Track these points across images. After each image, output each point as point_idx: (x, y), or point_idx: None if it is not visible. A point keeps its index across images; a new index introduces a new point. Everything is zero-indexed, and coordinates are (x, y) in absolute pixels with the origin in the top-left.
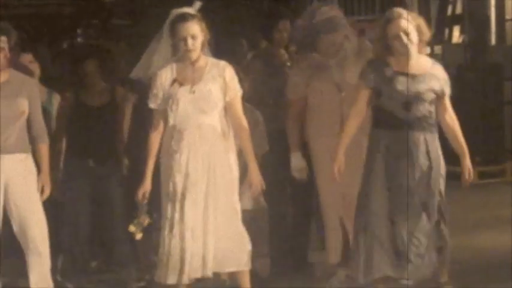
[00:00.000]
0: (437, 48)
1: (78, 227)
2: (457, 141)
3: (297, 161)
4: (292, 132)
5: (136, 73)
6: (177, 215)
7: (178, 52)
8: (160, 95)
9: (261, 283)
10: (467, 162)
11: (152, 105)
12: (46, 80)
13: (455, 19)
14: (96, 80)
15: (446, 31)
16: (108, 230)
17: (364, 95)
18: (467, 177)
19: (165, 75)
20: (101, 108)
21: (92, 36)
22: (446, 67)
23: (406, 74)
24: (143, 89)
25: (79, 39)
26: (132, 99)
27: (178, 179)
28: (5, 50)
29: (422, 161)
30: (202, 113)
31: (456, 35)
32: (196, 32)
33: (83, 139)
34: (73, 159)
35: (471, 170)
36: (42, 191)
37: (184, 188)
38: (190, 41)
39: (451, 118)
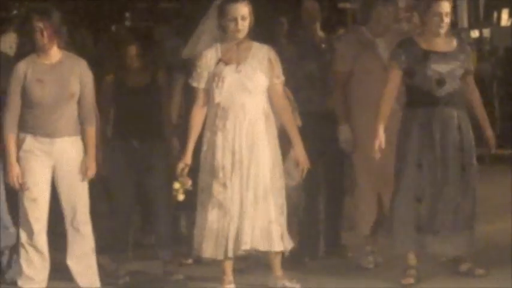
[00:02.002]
0: (486, 31)
1: (123, 209)
2: (481, 117)
3: (344, 134)
4: (339, 105)
5: (186, 54)
6: (223, 192)
7: (225, 33)
8: (205, 74)
9: (292, 263)
10: (490, 132)
11: (195, 83)
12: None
13: (504, 2)
14: (137, 62)
15: (495, 14)
16: (151, 211)
17: (397, 76)
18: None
19: (210, 55)
20: (142, 89)
21: (140, 20)
22: (495, 49)
23: (437, 53)
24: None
25: (127, 23)
26: (182, 80)
27: (226, 156)
28: (48, 30)
29: (455, 135)
30: (246, 92)
31: (505, 18)
32: (246, 13)
33: (126, 120)
34: (116, 140)
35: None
36: (85, 173)
37: (232, 165)
38: (240, 22)
39: (476, 94)
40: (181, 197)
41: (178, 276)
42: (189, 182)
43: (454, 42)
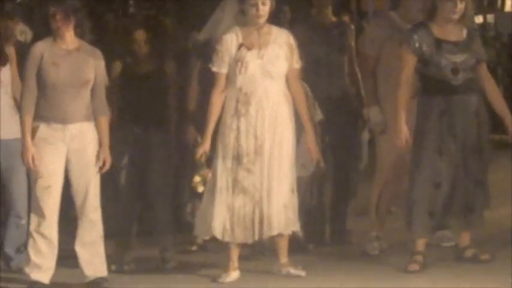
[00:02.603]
0: (490, 17)
1: (127, 195)
2: (499, 103)
3: (375, 115)
4: (368, 87)
5: (203, 36)
6: (247, 177)
7: (245, 18)
8: (226, 59)
9: (297, 250)
10: (509, 121)
11: (215, 68)
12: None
13: None
14: (144, 48)
15: (499, 0)
16: (152, 198)
17: (411, 61)
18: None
19: (231, 40)
20: (148, 75)
21: (144, 7)
22: (499, 35)
23: (449, 42)
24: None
25: (131, 10)
26: (198, 65)
27: (250, 141)
28: (61, 14)
29: (473, 122)
30: (269, 77)
31: (509, 4)
32: None
33: (132, 106)
34: (121, 126)
35: None
36: (102, 164)
37: (256, 151)
38: (261, 7)
39: (491, 81)
40: (200, 188)
41: (173, 264)
42: (209, 174)
43: (465, 31)
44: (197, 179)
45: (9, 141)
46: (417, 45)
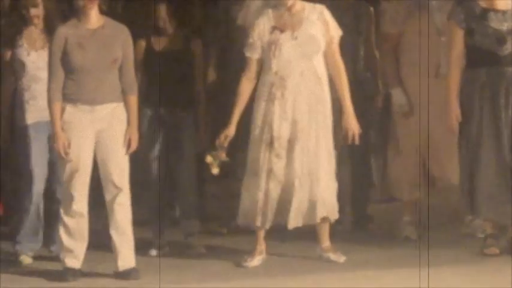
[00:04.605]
0: None
1: (149, 176)
2: None
3: (398, 96)
4: (390, 67)
5: (239, 22)
6: (277, 162)
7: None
8: (259, 44)
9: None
10: None
11: (248, 53)
12: None
13: None
14: (168, 25)
15: None
16: (176, 180)
17: (460, 36)
18: None
19: (263, 24)
20: (173, 54)
21: None
22: None
23: (496, 10)
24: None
25: None
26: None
27: (285, 126)
28: None
29: None
30: (305, 58)
31: None
32: None
33: (155, 86)
34: (145, 106)
35: None
36: (129, 144)
37: (293, 135)
38: None
39: None
40: (215, 170)
41: (200, 250)
42: (223, 155)
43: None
44: (209, 159)
45: None
46: (462, 16)
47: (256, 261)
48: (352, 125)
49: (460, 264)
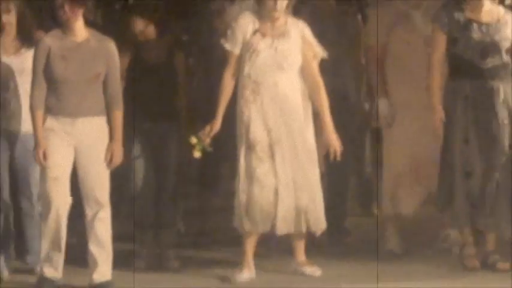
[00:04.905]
0: None
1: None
2: None
3: (383, 108)
4: (375, 79)
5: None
6: (261, 165)
7: (261, 10)
8: (240, 39)
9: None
10: None
11: (229, 46)
12: None
13: None
14: (152, 36)
15: None
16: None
17: (441, 40)
18: None
19: (247, 22)
20: (157, 65)
21: None
22: None
23: (479, 23)
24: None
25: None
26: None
27: (263, 131)
28: (71, 4)
29: (501, 110)
30: (280, 69)
31: None
32: None
33: (140, 99)
34: (129, 119)
35: None
36: (110, 159)
37: (271, 142)
38: (279, 2)
39: None
40: (197, 154)
41: (176, 263)
42: (207, 141)
43: (501, 13)
44: (193, 140)
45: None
46: (446, 20)
47: (245, 276)
48: (333, 141)
49: (443, 279)
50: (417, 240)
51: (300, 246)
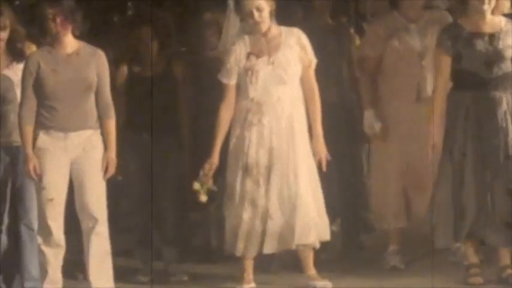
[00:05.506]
0: None
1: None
2: None
3: (369, 118)
4: (365, 89)
5: (220, 49)
6: (256, 189)
7: (248, 26)
8: (235, 70)
9: None
10: None
11: (225, 80)
12: None
13: None
14: (150, 48)
15: None
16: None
17: (447, 64)
18: None
19: (239, 49)
20: (155, 78)
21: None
22: None
23: (482, 33)
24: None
25: (129, 12)
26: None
27: (262, 153)
28: (60, 16)
29: (503, 122)
30: (282, 83)
31: None
32: (261, 3)
33: (138, 111)
34: (128, 132)
35: None
36: (106, 169)
37: (270, 162)
38: (256, 14)
39: None
40: (203, 197)
41: (181, 277)
42: (210, 182)
43: (503, 23)
44: (196, 186)
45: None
46: (449, 43)
47: None
48: (320, 150)
49: None
50: (422, 254)
51: (309, 260)
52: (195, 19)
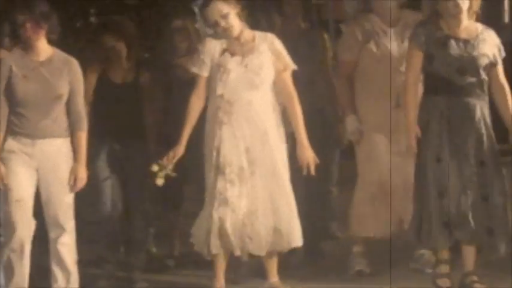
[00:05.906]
0: None
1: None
2: (507, 111)
3: (352, 124)
4: (344, 95)
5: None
6: (230, 189)
7: (220, 33)
8: (208, 62)
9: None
10: None
11: (196, 70)
12: None
13: None
14: (120, 55)
15: None
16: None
17: (418, 59)
18: None
19: (215, 44)
20: (124, 86)
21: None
22: None
23: (457, 38)
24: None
25: (92, 19)
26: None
27: (235, 153)
28: (32, 22)
29: (477, 128)
30: (253, 87)
31: None
32: (224, 10)
33: (107, 119)
34: (96, 140)
35: None
36: (74, 182)
37: (249, 163)
38: (223, 22)
39: (502, 86)
40: (160, 181)
41: (141, 285)
42: (169, 167)
43: (479, 30)
44: (155, 168)
45: None
46: (423, 39)
47: None
48: (306, 155)
49: None
50: (388, 260)
51: (273, 267)
52: (163, 26)
